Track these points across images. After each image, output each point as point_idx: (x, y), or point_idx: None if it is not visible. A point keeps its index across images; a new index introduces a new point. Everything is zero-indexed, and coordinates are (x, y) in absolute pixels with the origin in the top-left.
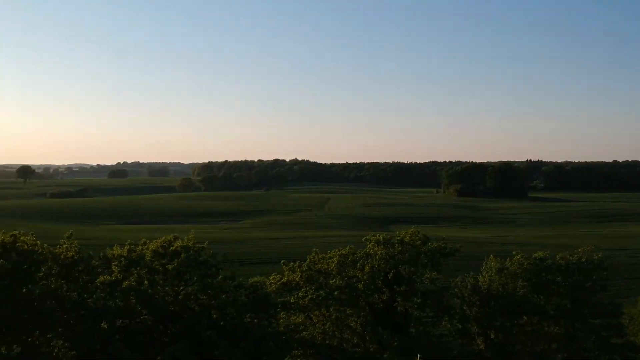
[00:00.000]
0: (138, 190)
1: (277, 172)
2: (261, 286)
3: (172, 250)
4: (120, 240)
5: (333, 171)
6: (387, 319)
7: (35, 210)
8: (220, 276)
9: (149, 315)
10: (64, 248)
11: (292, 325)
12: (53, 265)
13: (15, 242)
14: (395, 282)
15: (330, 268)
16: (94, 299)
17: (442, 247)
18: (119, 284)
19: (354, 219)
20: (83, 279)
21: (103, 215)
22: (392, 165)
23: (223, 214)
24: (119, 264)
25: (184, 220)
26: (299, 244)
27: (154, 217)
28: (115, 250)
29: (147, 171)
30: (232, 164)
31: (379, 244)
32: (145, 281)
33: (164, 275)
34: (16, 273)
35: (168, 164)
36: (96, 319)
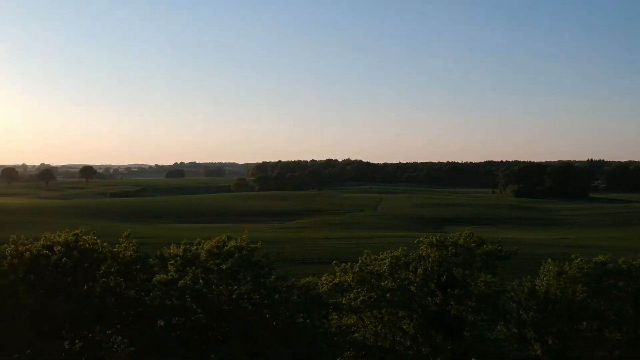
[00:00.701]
0: (194, 190)
1: (330, 172)
2: (313, 287)
3: (226, 250)
4: (176, 239)
5: (386, 171)
6: (440, 322)
7: (97, 209)
8: (272, 276)
9: (203, 314)
10: (122, 247)
11: (344, 326)
12: (112, 263)
13: (77, 241)
14: (449, 285)
15: (382, 270)
16: (151, 297)
17: (498, 250)
18: (174, 282)
19: (406, 220)
20: (141, 277)
21: (160, 214)
22: (447, 164)
23: (276, 213)
24: (175, 263)
25: (238, 220)
26: (351, 244)
27: (210, 217)
28: (172, 249)
29: (203, 171)
30: (285, 164)
31: (432, 246)
32: (200, 280)
33: (218, 274)
34: (78, 271)
35: (223, 164)
36: (153, 317)
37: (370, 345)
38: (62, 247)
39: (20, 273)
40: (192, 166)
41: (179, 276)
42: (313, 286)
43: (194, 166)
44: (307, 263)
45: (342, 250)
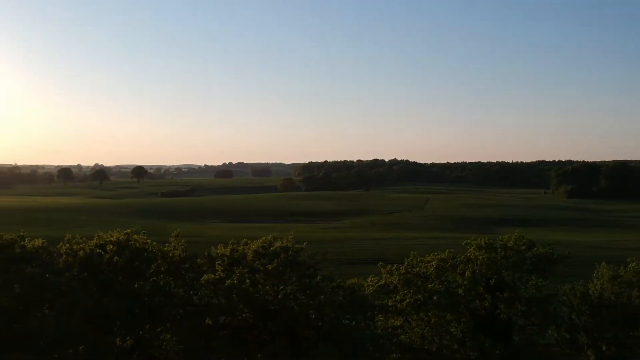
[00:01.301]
0: (242, 189)
1: (376, 172)
2: (359, 288)
3: (272, 251)
4: (224, 239)
5: (433, 171)
6: (488, 326)
7: (148, 208)
8: (318, 277)
9: (250, 313)
10: (172, 246)
11: (390, 328)
12: (162, 262)
13: (128, 240)
14: (498, 289)
15: (429, 272)
16: (199, 296)
17: (549, 253)
18: (222, 282)
19: (454, 221)
20: (189, 276)
21: (209, 214)
22: (496, 164)
23: (322, 213)
24: (222, 263)
25: (284, 220)
26: (397, 245)
27: (257, 216)
28: (219, 249)
29: (251, 171)
30: (331, 164)
31: (481, 249)
32: (247, 280)
33: (265, 274)
34: (129, 269)
35: (270, 165)
36: (201, 316)
37: (417, 348)
38: (114, 246)
39: (74, 271)
40: (240, 166)
41: (226, 276)
42: (359, 287)
43: (241, 166)
44: (352, 264)
45: (388, 251)
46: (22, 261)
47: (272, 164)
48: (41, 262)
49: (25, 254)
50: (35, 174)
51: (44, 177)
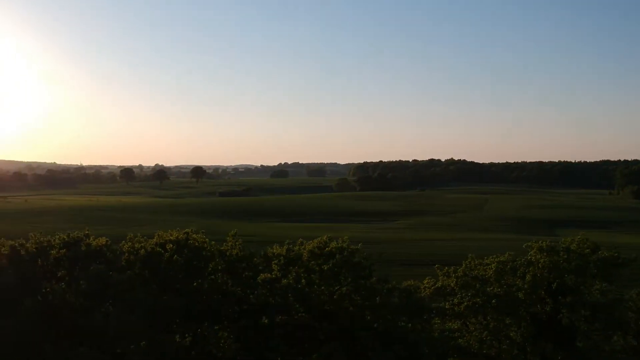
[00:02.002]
0: (297, 189)
1: (433, 172)
2: (415, 290)
3: (327, 251)
4: (280, 238)
5: (492, 171)
6: (550, 331)
7: (206, 207)
8: (373, 278)
9: (305, 313)
10: (229, 245)
11: (447, 331)
12: (220, 261)
13: (187, 240)
14: (560, 293)
15: (488, 275)
16: (256, 295)
17: (615, 257)
18: (278, 281)
19: (514, 222)
20: (246, 275)
21: (265, 213)
22: (558, 164)
23: (377, 213)
24: (279, 262)
25: (339, 220)
26: (454, 246)
27: (312, 216)
28: (275, 249)
29: (306, 171)
30: (386, 164)
31: (542, 251)
32: (303, 280)
33: (320, 275)
34: (188, 268)
35: (325, 165)
36: (258, 314)
37: (475, 352)
38: (174, 245)
39: (136, 269)
40: (295, 166)
41: (282, 275)
42: (415, 289)
43: (297, 166)
44: (408, 265)
45: (445, 253)
46: (87, 258)
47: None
48: (105, 260)
49: (90, 252)
50: (99, 174)
51: (108, 177)
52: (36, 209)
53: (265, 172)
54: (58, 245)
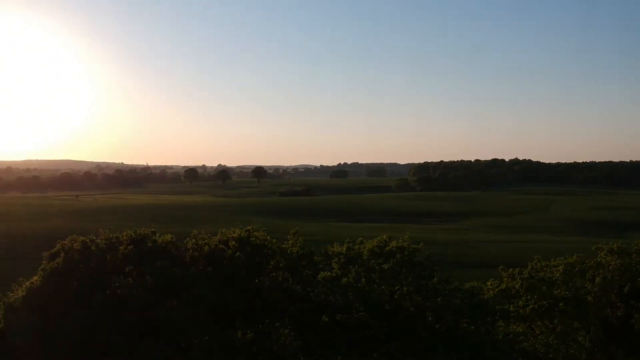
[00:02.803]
0: (357, 189)
1: (496, 172)
2: (478, 291)
3: (387, 250)
4: (339, 237)
5: (559, 171)
6: (621, 337)
7: (267, 207)
8: (435, 278)
9: (365, 312)
10: (290, 243)
11: (512, 334)
12: (281, 259)
13: (249, 237)
14: (633, 297)
15: (555, 277)
16: (316, 293)
17: None
18: (338, 280)
19: (582, 224)
20: (306, 273)
21: (325, 213)
22: (629, 164)
23: (438, 214)
24: (339, 261)
25: (399, 220)
26: (519, 248)
27: (371, 216)
28: (335, 247)
29: (365, 171)
30: (447, 164)
31: (613, 253)
32: (363, 279)
33: (380, 274)
34: (250, 265)
35: (385, 165)
36: (318, 313)
37: (541, 356)
38: (236, 242)
39: (200, 265)
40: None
41: (342, 274)
42: (478, 291)
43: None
44: (470, 266)
45: (509, 254)
46: (153, 255)
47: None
48: (170, 256)
49: (156, 248)
50: (165, 174)
51: (172, 176)
52: (105, 207)
53: (325, 172)
54: (126, 242)
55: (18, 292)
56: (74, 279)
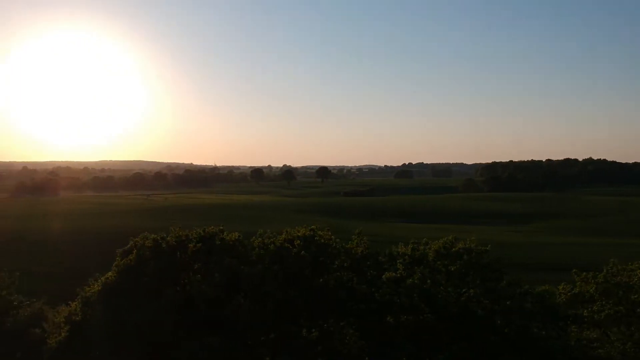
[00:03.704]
0: (421, 190)
1: (568, 173)
2: (550, 295)
3: (454, 252)
4: (403, 238)
5: (636, 172)
6: None
7: (331, 206)
8: (504, 281)
9: (431, 314)
10: (354, 243)
11: (585, 340)
12: (345, 259)
13: (314, 236)
14: None
15: (633, 282)
16: (381, 293)
17: None
18: (403, 280)
19: None
20: (371, 273)
21: (389, 213)
22: None
23: (507, 215)
24: (404, 261)
25: (465, 221)
26: (593, 251)
27: (437, 217)
28: (400, 248)
29: (431, 172)
30: (517, 164)
31: None
32: (428, 280)
33: (446, 276)
34: (315, 264)
35: (451, 165)
36: (382, 313)
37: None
38: (301, 241)
39: (265, 263)
40: (420, 167)
41: (407, 275)
42: (549, 295)
43: (421, 167)
44: (542, 270)
45: (582, 257)
46: (221, 252)
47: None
48: (237, 254)
49: (224, 246)
50: (232, 174)
51: (239, 176)
52: (175, 206)
53: (389, 172)
54: (195, 240)
55: (94, 286)
56: (145, 275)
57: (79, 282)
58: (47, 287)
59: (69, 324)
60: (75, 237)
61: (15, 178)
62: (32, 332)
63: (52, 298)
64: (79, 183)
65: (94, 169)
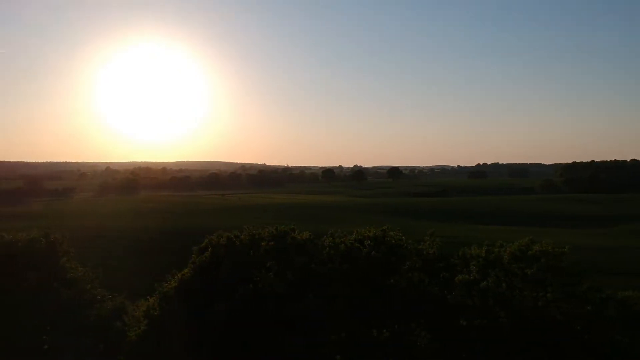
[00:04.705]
0: (496, 190)
1: None
2: (635, 302)
3: (530, 255)
4: (477, 240)
5: None
6: None
7: (401, 207)
8: (584, 285)
9: (506, 318)
10: (426, 244)
11: None
12: (417, 260)
13: (384, 236)
14: None
15: None
16: (453, 295)
17: None
18: (477, 283)
19: None
20: (443, 275)
21: (462, 215)
22: None
23: (587, 217)
24: (477, 264)
25: (543, 223)
26: None
27: (512, 219)
28: (474, 250)
29: (507, 172)
30: (599, 164)
31: None
32: (503, 283)
33: (522, 279)
34: (385, 264)
35: (528, 165)
36: (455, 316)
37: None
38: (372, 241)
39: (336, 263)
40: (495, 167)
41: (481, 277)
42: (635, 301)
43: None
44: (623, 274)
45: None
46: (293, 251)
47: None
48: (307, 253)
49: (295, 245)
50: (303, 174)
51: (310, 177)
52: (248, 205)
53: (462, 172)
54: (267, 238)
55: (171, 282)
56: (219, 272)
57: (157, 277)
58: (127, 282)
59: (147, 318)
60: (154, 234)
61: (100, 177)
62: (114, 326)
63: (132, 293)
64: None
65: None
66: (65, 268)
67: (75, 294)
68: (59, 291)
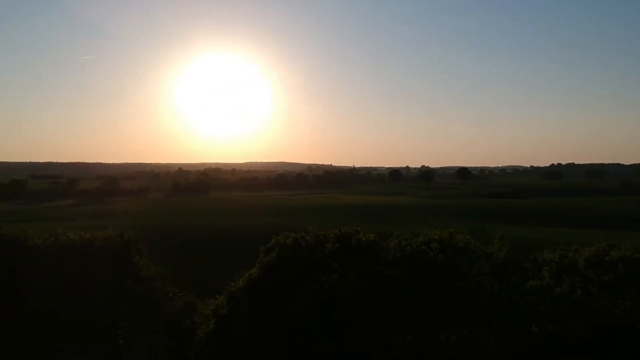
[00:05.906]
0: (571, 192)
1: None
2: None
3: (607, 260)
4: (550, 244)
5: None
6: None
7: (470, 209)
8: None
9: (581, 326)
10: (495, 248)
11: None
12: (486, 263)
13: (451, 239)
14: None
15: None
16: (525, 301)
17: None
18: (549, 289)
19: None
20: (514, 280)
21: (534, 217)
22: None
23: None
24: (550, 269)
25: (621, 227)
26: None
27: (588, 221)
28: (546, 254)
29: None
30: None
31: None
32: (578, 290)
33: (599, 286)
34: (452, 268)
35: (606, 165)
36: (527, 322)
37: None
38: (438, 244)
39: (402, 266)
40: (570, 167)
41: (555, 283)
42: None
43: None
44: None
45: None
46: (358, 253)
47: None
48: (373, 255)
49: (360, 247)
50: (370, 175)
51: (377, 177)
52: (314, 206)
53: (536, 173)
54: (333, 239)
55: (239, 282)
56: (286, 273)
57: (226, 276)
58: (197, 280)
59: (215, 317)
60: (224, 234)
61: (172, 178)
62: (185, 323)
63: (202, 291)
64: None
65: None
66: (138, 266)
67: (147, 292)
68: (133, 288)
